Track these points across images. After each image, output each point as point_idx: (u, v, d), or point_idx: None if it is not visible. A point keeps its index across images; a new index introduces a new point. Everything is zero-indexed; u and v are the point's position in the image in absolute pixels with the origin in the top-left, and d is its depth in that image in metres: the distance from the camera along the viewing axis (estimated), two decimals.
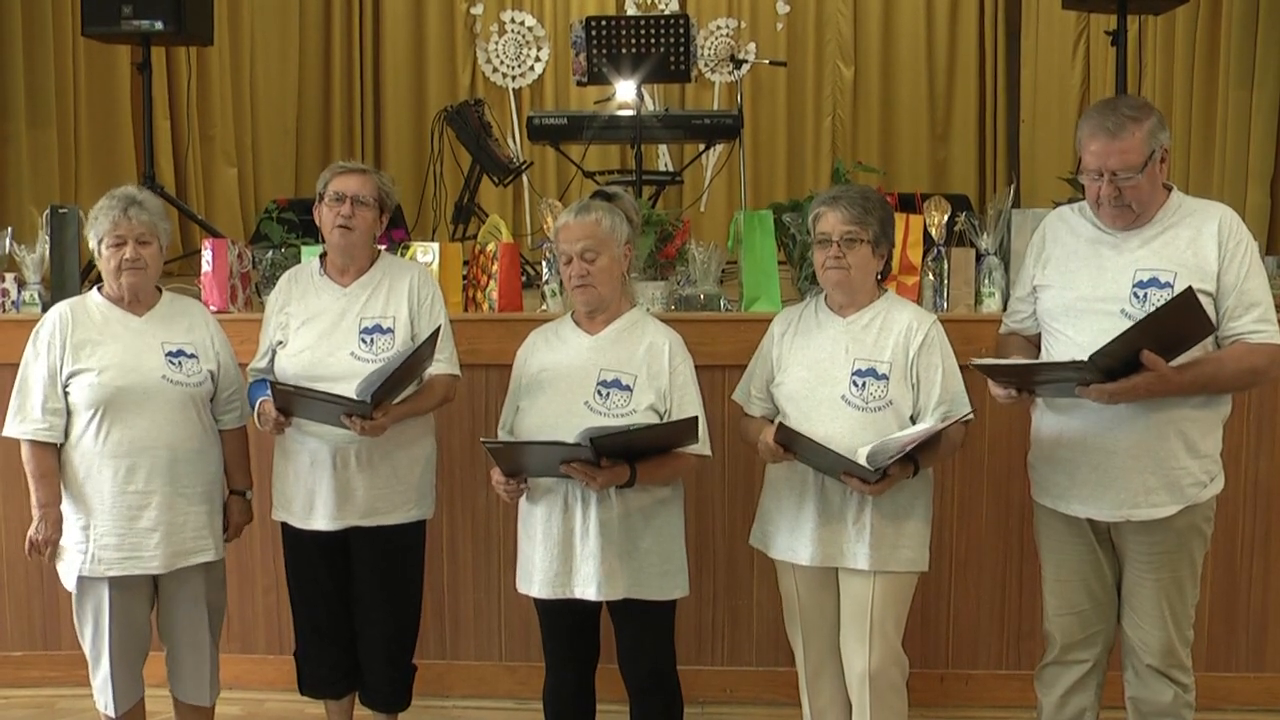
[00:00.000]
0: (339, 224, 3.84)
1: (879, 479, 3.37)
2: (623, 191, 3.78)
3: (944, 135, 10.04)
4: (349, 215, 3.84)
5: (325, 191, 3.87)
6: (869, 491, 3.41)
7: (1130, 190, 3.33)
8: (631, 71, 6.88)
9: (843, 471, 3.41)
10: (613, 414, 3.50)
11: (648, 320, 3.70)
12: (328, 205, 3.86)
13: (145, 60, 6.57)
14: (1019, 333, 3.68)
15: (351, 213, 3.84)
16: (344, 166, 3.93)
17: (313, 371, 3.78)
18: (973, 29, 9.96)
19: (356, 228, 3.86)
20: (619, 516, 3.51)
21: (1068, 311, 3.46)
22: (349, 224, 3.84)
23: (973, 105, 9.97)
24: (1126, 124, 3.30)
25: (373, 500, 3.85)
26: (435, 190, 7.82)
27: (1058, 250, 3.54)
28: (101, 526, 3.69)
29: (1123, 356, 3.18)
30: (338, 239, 3.86)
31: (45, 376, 3.70)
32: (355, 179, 3.88)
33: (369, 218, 3.89)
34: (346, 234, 3.85)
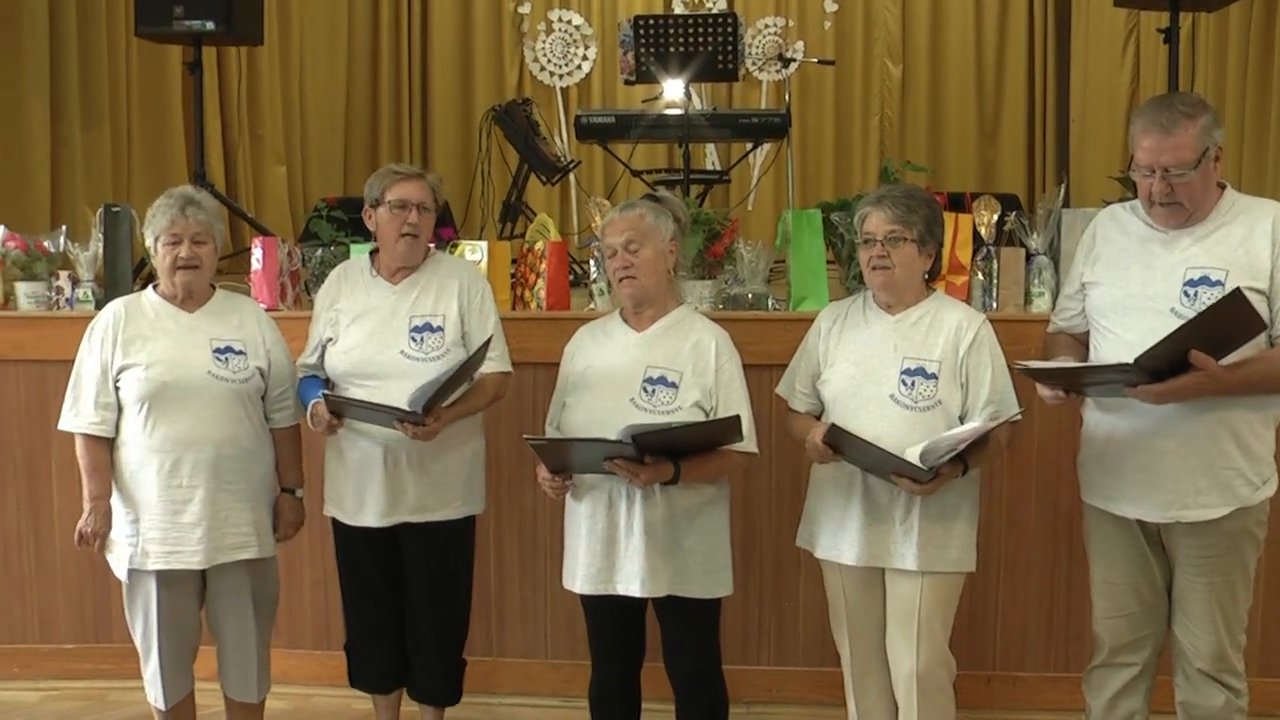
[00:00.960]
0: (406, 232, 3.86)
1: (930, 479, 3.37)
2: (671, 194, 3.79)
3: (992, 134, 9.99)
4: (416, 223, 3.87)
5: (383, 198, 3.89)
6: (919, 492, 3.41)
7: (1183, 188, 3.31)
8: (679, 70, 6.90)
9: (892, 471, 3.41)
10: (658, 411, 3.51)
11: (695, 317, 3.71)
12: (390, 212, 3.87)
13: (196, 60, 6.64)
14: (1067, 331, 3.66)
15: (418, 220, 3.87)
16: (400, 172, 3.94)
17: (363, 369, 3.82)
18: (1022, 26, 9.91)
19: (421, 234, 3.90)
20: (663, 514, 3.52)
21: (1117, 309, 3.44)
22: (415, 231, 3.88)
23: (1021, 104, 9.91)
24: (1180, 120, 3.27)
25: (422, 497, 3.88)
26: (483, 189, 7.85)
27: (1108, 248, 3.52)
28: (147, 520, 3.74)
29: (1170, 357, 3.16)
30: (404, 248, 3.89)
31: (98, 371, 3.75)
32: (415, 185, 3.90)
33: (431, 222, 3.93)
34: (413, 242, 3.89)
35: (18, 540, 4.94)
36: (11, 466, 4.90)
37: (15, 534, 4.94)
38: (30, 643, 4.99)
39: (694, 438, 3.48)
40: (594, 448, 3.42)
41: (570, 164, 7.97)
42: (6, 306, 4.96)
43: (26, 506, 4.92)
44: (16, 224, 5.33)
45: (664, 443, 3.40)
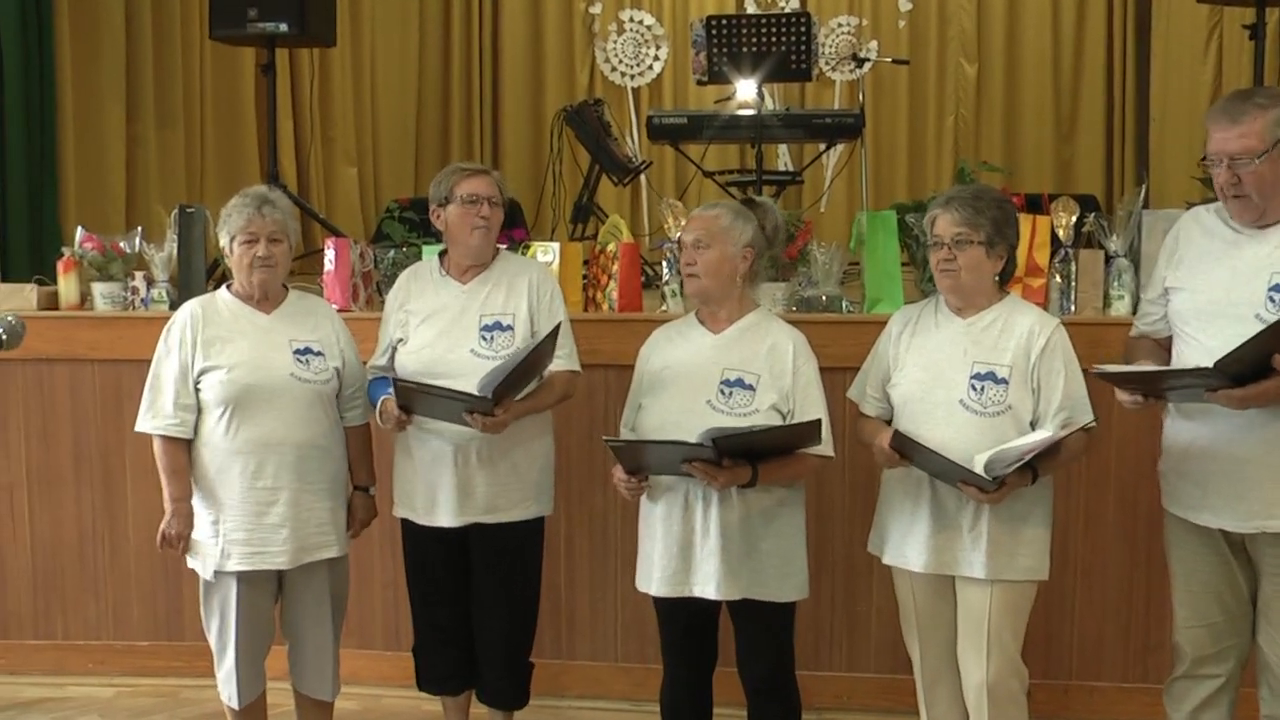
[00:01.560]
0: (478, 225, 3.89)
1: (996, 488, 3.34)
2: (771, 202, 3.79)
3: (1069, 134, 9.89)
4: (488, 216, 3.90)
5: (453, 194, 3.92)
6: (986, 500, 3.38)
7: (1249, 177, 3.24)
8: (752, 70, 6.88)
9: (958, 479, 3.39)
10: (735, 413, 3.51)
11: (772, 320, 3.71)
12: (462, 207, 3.90)
13: (269, 62, 6.73)
14: (1149, 335, 3.61)
15: (489, 213, 3.90)
16: (468, 169, 3.97)
17: (433, 368, 3.84)
18: (1100, 23, 9.79)
19: (493, 228, 3.93)
20: (739, 517, 3.52)
21: (1199, 315, 3.39)
22: (488, 224, 3.91)
23: (1100, 102, 9.80)
24: (1250, 110, 3.22)
25: (493, 497, 3.90)
26: (554, 190, 7.89)
27: (1190, 251, 3.47)
28: (230, 522, 3.78)
29: (1252, 361, 3.10)
30: (478, 241, 3.92)
31: (177, 373, 3.79)
32: (484, 180, 3.94)
33: (500, 216, 3.96)
34: (486, 235, 3.92)
35: (93, 538, 5.02)
36: (87, 465, 4.99)
37: (90, 532, 5.02)
38: (104, 639, 5.07)
39: (775, 441, 3.48)
40: (673, 450, 3.42)
41: (642, 165, 7.97)
42: (83, 307, 5.04)
43: (101, 505, 5.00)
44: (93, 224, 5.42)
45: (743, 446, 3.41)
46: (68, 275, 5.02)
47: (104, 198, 6.97)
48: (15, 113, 6.21)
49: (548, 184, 7.97)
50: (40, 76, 6.41)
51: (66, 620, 5.08)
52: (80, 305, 5.04)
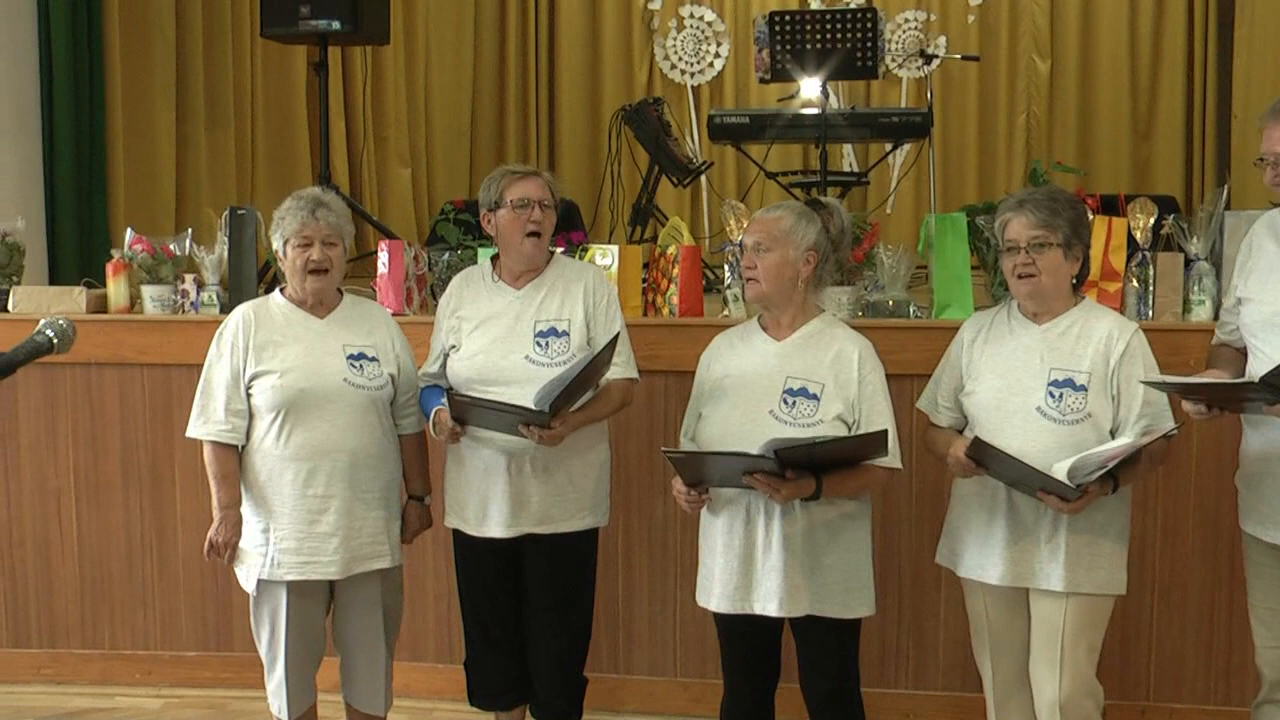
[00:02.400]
0: (531, 230, 3.90)
1: (1078, 497, 3.31)
2: (838, 204, 3.77)
3: (1147, 132, 9.79)
4: (539, 220, 3.91)
5: (503, 199, 3.92)
6: (1066, 510, 3.36)
7: None
8: (816, 68, 6.88)
9: (1038, 488, 3.36)
10: (799, 423, 3.49)
11: (837, 327, 3.69)
12: (512, 212, 3.91)
13: (322, 60, 6.79)
14: (1230, 344, 3.58)
15: (541, 217, 3.91)
16: (517, 171, 3.98)
17: (486, 375, 3.86)
18: (1180, 15, 9.67)
19: (545, 232, 3.93)
20: (803, 530, 3.51)
21: (1265, 326, 3.36)
22: (540, 228, 3.91)
23: (1179, 99, 9.69)
24: None
25: (547, 507, 3.90)
26: (612, 191, 7.90)
27: (1261, 260, 3.44)
28: (281, 530, 3.81)
29: None
30: (530, 247, 3.92)
31: (228, 378, 3.82)
32: (535, 183, 3.94)
33: (552, 219, 3.96)
34: (538, 241, 3.92)
35: (141, 546, 5.08)
36: (135, 471, 5.04)
37: (139, 540, 5.07)
38: (152, 649, 5.12)
39: (841, 453, 3.47)
40: (734, 461, 3.41)
41: (703, 165, 7.98)
42: (132, 310, 5.09)
43: (150, 512, 5.05)
44: (142, 226, 5.49)
45: (807, 457, 3.39)
46: (117, 278, 5.07)
47: (154, 199, 7.06)
48: (64, 114, 6.31)
49: (606, 185, 7.98)
50: (90, 77, 6.50)
51: (114, 629, 5.13)
52: (129, 308, 5.09)
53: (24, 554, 5.11)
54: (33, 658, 5.15)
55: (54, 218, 6.32)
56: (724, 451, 3.49)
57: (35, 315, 4.84)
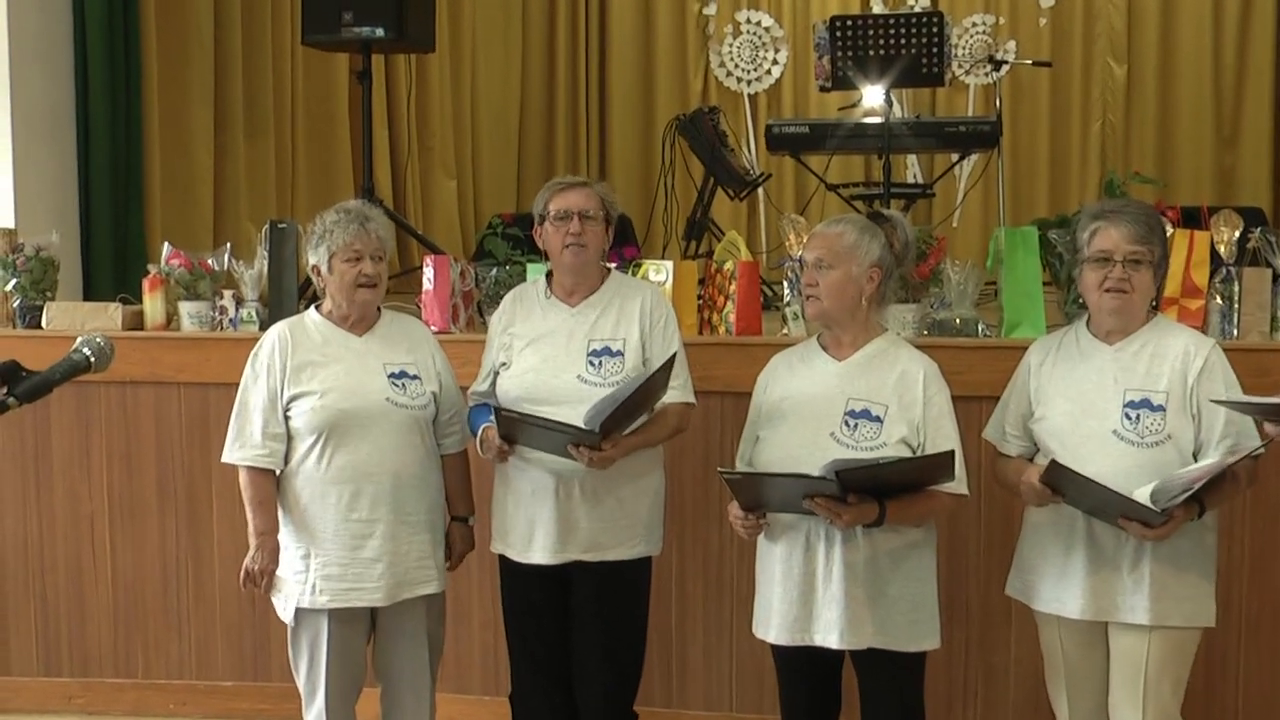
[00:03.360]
0: (569, 242, 3.91)
1: (1163, 522, 3.29)
2: (902, 217, 3.77)
3: (1231, 139, 9.72)
4: (579, 232, 3.91)
5: (547, 211, 3.95)
6: (1150, 536, 3.33)
7: None
8: (879, 75, 6.86)
9: (1120, 514, 3.34)
10: (861, 447, 3.49)
11: (901, 346, 3.69)
12: (553, 225, 3.94)
13: (365, 68, 6.82)
14: None
15: (581, 229, 3.91)
16: (562, 182, 4.01)
17: (536, 394, 3.87)
18: (1268, 16, 9.61)
19: (588, 244, 3.93)
20: (866, 558, 3.50)
21: None
22: (580, 240, 3.92)
23: (1266, 104, 9.62)
24: None
25: (596, 534, 3.90)
26: (666, 204, 7.92)
27: None
28: (324, 556, 3.83)
29: None
30: (570, 259, 3.94)
31: (265, 400, 3.85)
32: (578, 194, 3.96)
33: (598, 232, 3.96)
34: (579, 252, 3.93)
35: (176, 572, 5.11)
36: (171, 494, 5.08)
37: (174, 565, 5.11)
38: (187, 679, 5.15)
39: (905, 476, 3.46)
40: (793, 484, 3.41)
41: (760, 177, 7.98)
42: (169, 327, 5.14)
43: (186, 537, 5.09)
44: (179, 238, 5.55)
45: (870, 480, 3.39)
46: (153, 294, 5.12)
47: (191, 212, 7.13)
48: (100, 123, 6.38)
49: (659, 198, 8.01)
50: (126, 85, 6.57)
51: (148, 658, 5.17)
52: (166, 325, 5.14)
53: (56, 579, 5.16)
54: (64, 687, 5.19)
55: (89, 232, 6.38)
56: (783, 473, 3.49)
57: (70, 332, 4.89)
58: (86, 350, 2.98)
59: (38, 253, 5.21)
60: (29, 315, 5.15)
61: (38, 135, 6.12)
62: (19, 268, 5.15)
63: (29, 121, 6.03)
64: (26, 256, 5.17)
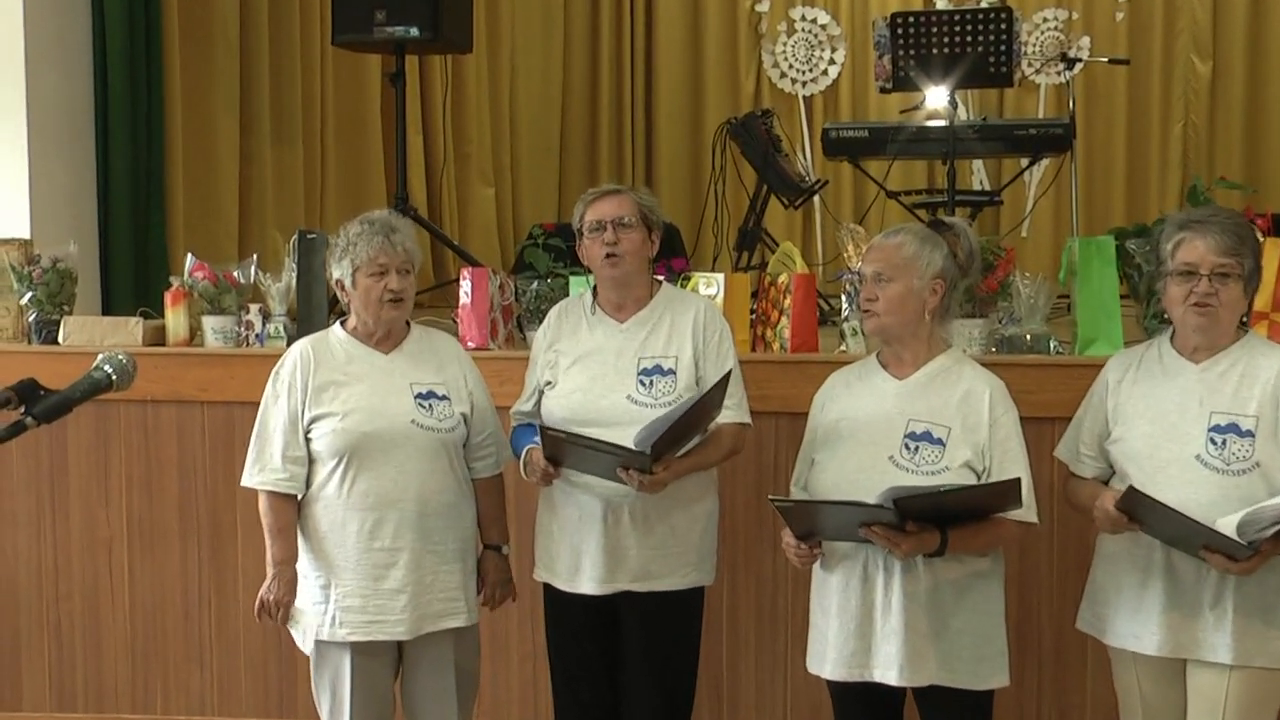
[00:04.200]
0: (606, 253, 3.93)
1: (1249, 556, 3.27)
2: (965, 225, 3.76)
3: None
4: (614, 241, 3.92)
5: (584, 223, 3.97)
6: (1235, 570, 3.31)
7: None
8: (944, 75, 6.85)
9: (1202, 545, 3.31)
10: (922, 471, 3.49)
11: (965, 364, 3.68)
12: (589, 236, 3.95)
13: (399, 70, 6.86)
14: None
15: (616, 238, 3.92)
16: (595, 192, 4.03)
17: (583, 415, 3.88)
18: None
19: (625, 253, 3.94)
20: (927, 590, 3.49)
21: None
22: (615, 250, 3.92)
23: None
24: None
25: (646, 562, 3.91)
26: (716, 213, 7.91)
27: None
28: (344, 586, 3.84)
29: None
30: (607, 271, 3.95)
31: (285, 421, 3.88)
32: (611, 201, 3.97)
33: (636, 240, 3.96)
34: (616, 263, 3.93)
35: (198, 601, 5.13)
36: (194, 519, 5.10)
37: (196, 594, 5.13)
38: (209, 714, 5.17)
39: (968, 503, 3.45)
40: (849, 511, 3.41)
41: (816, 184, 7.97)
42: (192, 343, 5.17)
43: (209, 564, 5.11)
44: (203, 249, 5.59)
45: (931, 508, 3.38)
46: (176, 308, 5.16)
47: (216, 222, 7.18)
48: (120, 128, 6.42)
49: (709, 206, 8.00)
50: (147, 88, 6.62)
51: (167, 692, 5.19)
52: (189, 341, 5.17)
53: (71, 608, 5.19)
54: None
55: (108, 242, 6.43)
56: (838, 500, 3.49)
57: (88, 348, 4.95)
58: (108, 368, 3.00)
59: (54, 264, 5.24)
60: (45, 330, 5.19)
61: (54, 141, 6.17)
62: (35, 280, 5.18)
63: (45, 126, 6.09)
64: (43, 268, 5.20)
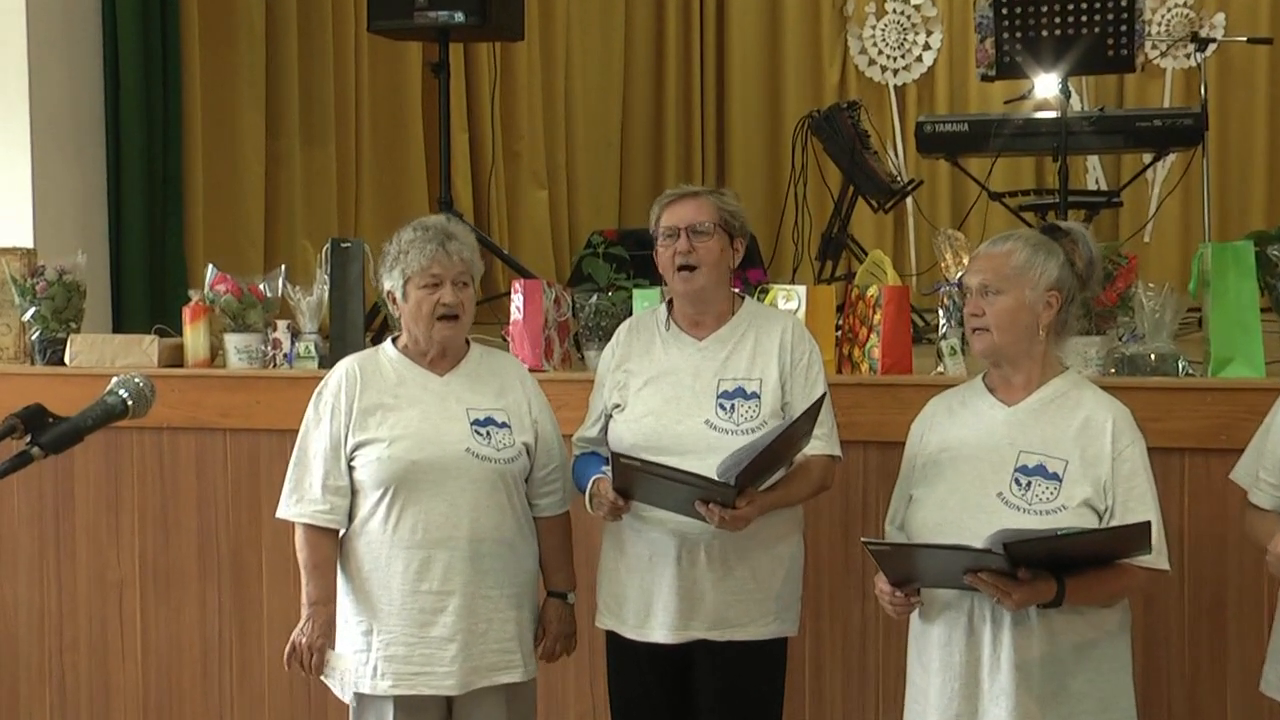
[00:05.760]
0: (678, 263, 3.91)
1: None
2: (1083, 230, 3.73)
3: None
4: (688, 251, 3.90)
5: (658, 229, 3.97)
6: None
7: None
8: (1055, 59, 6.81)
9: None
10: (1035, 509, 3.45)
11: (1084, 388, 3.64)
12: (661, 244, 3.95)
13: (442, 60, 6.88)
14: None
15: (690, 248, 3.90)
16: (671, 194, 4.00)
17: (657, 442, 3.85)
18: None
19: (701, 263, 3.92)
20: (1042, 645, 3.44)
21: None
22: (689, 261, 3.91)
23: None
24: None
25: (724, 608, 3.88)
26: (797, 218, 7.90)
27: None
28: (388, 633, 3.85)
29: None
30: (680, 285, 3.94)
31: (327, 447, 3.90)
32: (687, 205, 3.95)
33: (714, 249, 3.93)
34: (690, 277, 3.92)
35: (219, 650, 5.16)
36: (214, 559, 5.13)
37: (216, 642, 5.16)
38: None
39: (1089, 548, 3.41)
40: (953, 557, 3.38)
41: (909, 185, 7.96)
42: (213, 363, 5.21)
43: (231, 609, 5.14)
44: (226, 260, 5.62)
45: (1049, 554, 3.34)
46: (195, 325, 5.19)
47: (239, 230, 7.23)
48: (133, 126, 6.47)
49: (789, 211, 7.99)
50: (164, 83, 6.67)
51: None
52: (210, 361, 5.21)
53: (76, 659, 5.23)
54: None
55: (120, 252, 6.48)
56: (940, 544, 3.46)
57: (97, 370, 4.99)
58: (123, 392, 2.99)
59: (60, 277, 5.28)
60: (50, 350, 5.23)
61: (61, 141, 6.23)
62: (38, 294, 5.23)
63: (51, 125, 6.15)
64: (48, 281, 5.25)
